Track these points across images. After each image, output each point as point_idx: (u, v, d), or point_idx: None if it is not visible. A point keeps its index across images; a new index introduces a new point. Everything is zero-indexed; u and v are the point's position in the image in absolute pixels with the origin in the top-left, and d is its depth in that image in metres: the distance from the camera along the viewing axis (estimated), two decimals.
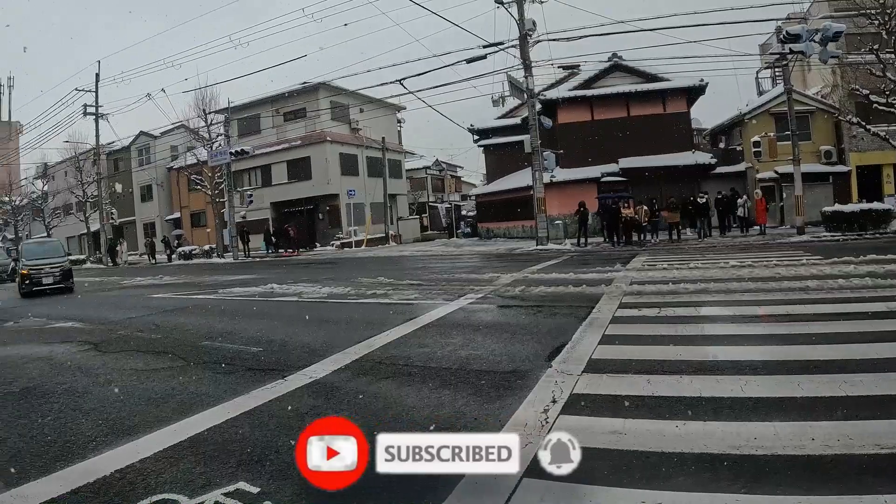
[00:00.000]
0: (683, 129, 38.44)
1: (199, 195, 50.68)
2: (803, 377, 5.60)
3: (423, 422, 5.04)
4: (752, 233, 30.45)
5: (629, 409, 5.08)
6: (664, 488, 3.64)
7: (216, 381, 6.79)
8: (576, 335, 8.07)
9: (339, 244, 43.44)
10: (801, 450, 4.06)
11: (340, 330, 9.81)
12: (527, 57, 29.86)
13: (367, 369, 6.96)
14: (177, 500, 3.80)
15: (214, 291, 16.98)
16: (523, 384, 5.96)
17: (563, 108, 38.32)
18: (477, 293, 13.11)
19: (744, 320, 8.74)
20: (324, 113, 46.50)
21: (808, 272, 12.94)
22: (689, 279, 13.08)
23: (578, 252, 25.93)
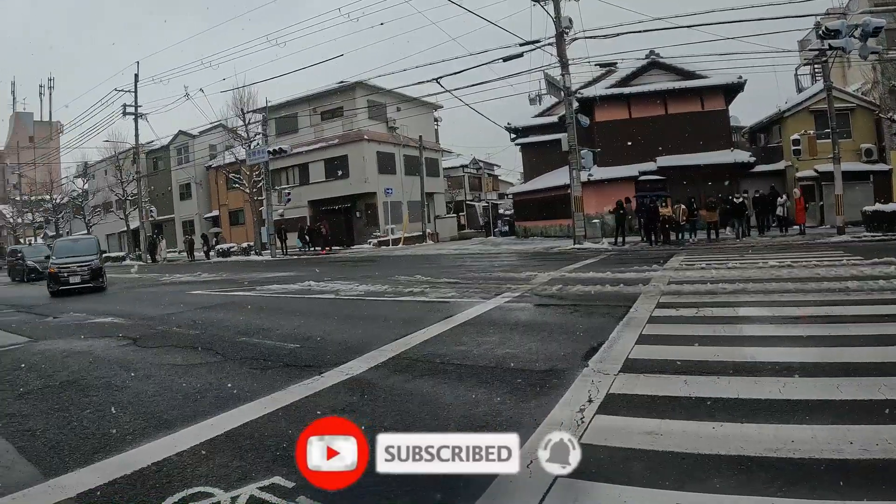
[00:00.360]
0: (722, 127, 38.07)
1: (237, 193, 51.03)
2: (843, 380, 5.51)
3: (459, 420, 5.04)
4: (791, 232, 30.10)
5: (666, 410, 5.05)
6: (699, 490, 3.61)
7: (253, 376, 6.83)
8: (613, 335, 8.04)
9: (376, 242, 43.49)
10: (838, 454, 3.99)
11: (377, 327, 9.85)
12: (563, 55, 29.72)
13: (403, 367, 6.98)
14: (212, 493, 3.83)
15: (252, 288, 17.11)
16: (559, 383, 5.94)
17: (601, 106, 38.12)
18: (514, 292, 13.08)
19: (782, 321, 8.62)
20: (361, 112, 46.58)
21: (848, 273, 12.75)
22: (728, 279, 12.97)
23: (616, 251, 25.78)
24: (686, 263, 17.25)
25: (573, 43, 30.21)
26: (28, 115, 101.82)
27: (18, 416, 6.00)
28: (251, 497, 3.76)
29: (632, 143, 36.94)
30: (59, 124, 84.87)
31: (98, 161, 59.77)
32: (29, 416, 5.97)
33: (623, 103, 38.32)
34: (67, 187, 68.19)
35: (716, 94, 37.78)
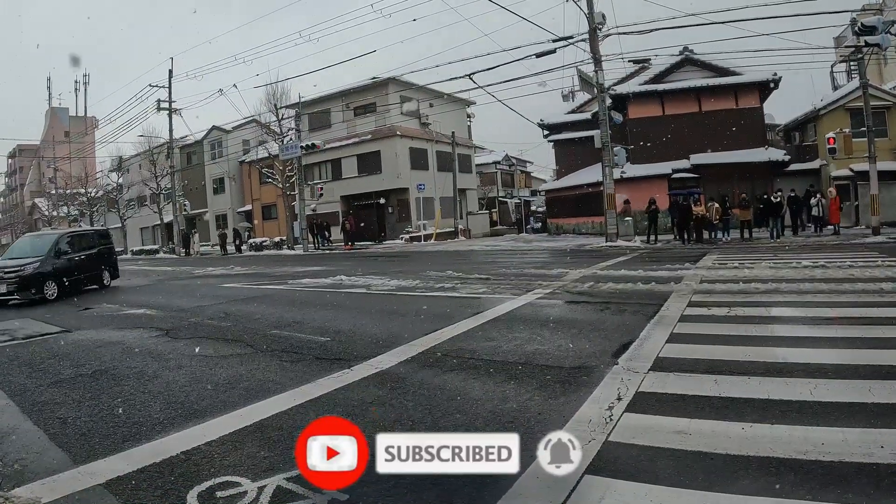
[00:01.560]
0: (756, 125, 37.75)
1: (270, 188, 51.32)
2: (875, 382, 5.46)
3: (487, 415, 5.05)
4: (825, 232, 29.80)
5: (695, 410, 5.03)
6: (727, 491, 3.59)
7: (283, 368, 6.88)
8: (643, 333, 8.02)
9: (408, 238, 43.56)
10: (869, 457, 3.95)
11: (407, 322, 9.86)
12: (596, 51, 29.60)
13: (432, 361, 7.00)
14: (239, 483, 3.87)
15: (284, 282, 17.20)
16: (589, 381, 5.93)
17: (634, 102, 37.99)
18: (545, 288, 13.05)
19: (815, 322, 8.52)
20: (393, 107, 46.68)
21: (882, 274, 12.61)
22: (760, 279, 12.87)
23: (648, 249, 25.69)
24: (719, 262, 17.15)
25: (606, 39, 30.12)
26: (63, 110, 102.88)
27: (51, 404, 6.09)
28: (278, 487, 3.80)
29: (665, 140, 36.76)
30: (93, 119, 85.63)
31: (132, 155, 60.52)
32: (61, 403, 6.06)
33: (656, 100, 38.15)
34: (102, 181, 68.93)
35: (750, 91, 37.50)
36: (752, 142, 36.40)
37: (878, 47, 25.37)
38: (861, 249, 20.06)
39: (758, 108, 38.00)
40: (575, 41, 29.74)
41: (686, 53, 38.36)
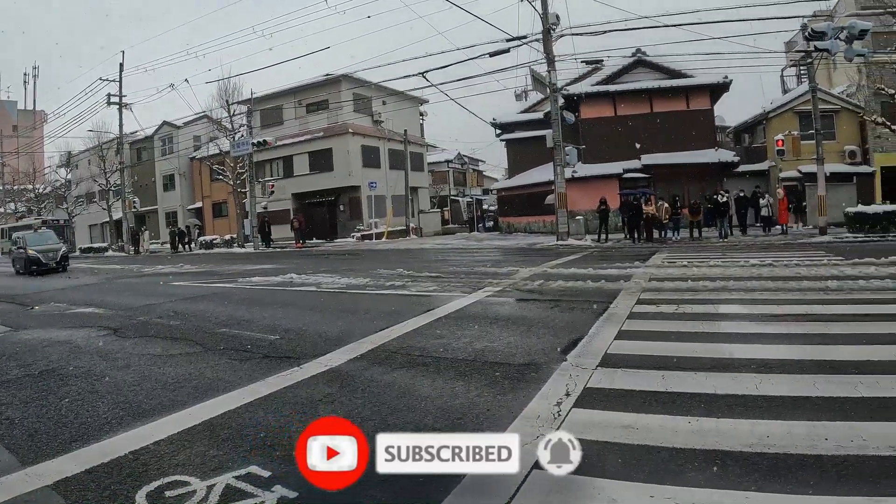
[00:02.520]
0: (707, 126, 38.34)
1: (221, 185, 50.84)
2: (820, 377, 5.59)
3: (436, 412, 5.08)
4: (773, 232, 30.32)
5: (643, 404, 5.10)
6: (674, 483, 3.66)
7: (232, 367, 6.85)
8: (592, 330, 8.10)
9: (360, 236, 43.46)
10: (813, 449, 4.06)
11: (357, 320, 9.87)
12: (550, 51, 29.80)
13: (382, 359, 7.01)
14: (188, 482, 3.85)
15: (234, 280, 17.08)
16: (538, 377, 5.98)
17: (586, 103, 38.34)
18: (495, 286, 13.12)
19: (762, 319, 8.68)
20: (346, 105, 46.55)
21: (828, 273, 12.87)
22: (709, 277, 13.04)
23: (598, 248, 25.90)
24: (668, 261, 17.37)
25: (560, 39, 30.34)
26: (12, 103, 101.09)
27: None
28: (227, 486, 3.79)
29: (617, 140, 37.20)
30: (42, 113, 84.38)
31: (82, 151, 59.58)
32: (7, 404, 5.96)
33: (608, 101, 38.58)
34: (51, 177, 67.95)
35: (701, 94, 38.08)
36: (702, 143, 36.98)
37: (827, 52, 25.83)
38: (808, 249, 20.46)
39: (708, 110, 38.63)
40: (529, 41, 29.93)
41: (639, 55, 38.90)
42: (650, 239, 29.00)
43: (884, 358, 6.13)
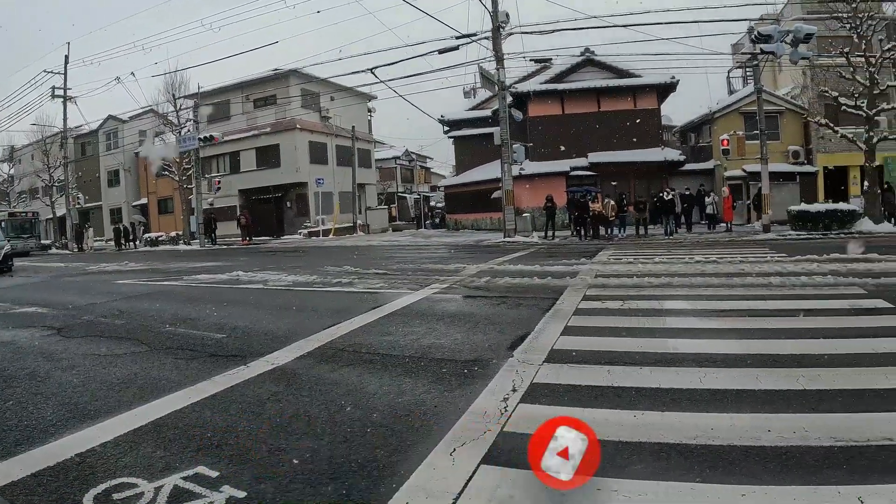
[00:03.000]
0: (653, 126, 38.88)
1: (166, 181, 50.14)
2: (762, 370, 5.72)
3: (384, 409, 5.08)
4: (718, 230, 30.83)
5: (589, 399, 5.16)
6: (620, 476, 3.70)
7: (178, 366, 6.77)
8: (538, 326, 8.17)
9: (307, 233, 43.25)
10: (757, 441, 4.13)
11: (304, 317, 9.83)
12: (499, 49, 29.89)
13: (329, 356, 6.99)
14: (136, 484, 3.80)
15: (180, 278, 16.90)
16: (484, 373, 6.02)
17: (534, 101, 38.57)
18: (442, 283, 13.18)
19: (706, 314, 8.84)
20: (294, 100, 46.25)
21: (771, 269, 13.12)
22: (654, 273, 13.23)
23: (545, 245, 26.06)
24: (614, 258, 17.59)
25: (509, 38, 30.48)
26: None
27: None
28: (175, 487, 3.75)
29: (564, 138, 37.52)
30: None
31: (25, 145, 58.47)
32: None
33: (557, 99, 38.86)
34: None
35: (649, 93, 38.60)
36: (649, 142, 37.53)
37: (773, 55, 26.36)
38: (752, 246, 20.89)
39: (655, 110, 39.21)
40: (478, 38, 30.05)
41: (587, 54, 39.28)
42: (596, 236, 29.33)
43: (824, 352, 6.29)
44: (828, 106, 32.61)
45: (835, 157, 36.37)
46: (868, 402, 4.84)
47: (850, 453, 3.92)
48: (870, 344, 6.57)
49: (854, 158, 33.34)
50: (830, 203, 28.88)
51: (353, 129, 48.76)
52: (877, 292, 9.90)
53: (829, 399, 4.93)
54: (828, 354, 6.19)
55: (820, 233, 25.70)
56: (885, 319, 8.01)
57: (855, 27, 27.85)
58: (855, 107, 28.16)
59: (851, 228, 26.02)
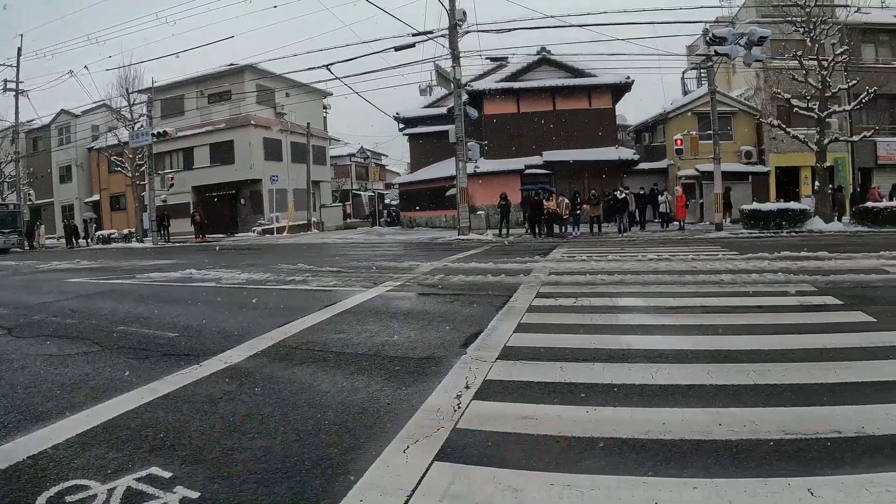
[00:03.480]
0: (608, 125, 39.22)
1: (119, 177, 49.38)
2: (713, 366, 5.85)
3: (337, 407, 5.10)
4: (671, 228, 31.18)
5: (542, 395, 5.23)
6: (574, 471, 3.76)
7: (131, 366, 6.70)
8: (492, 323, 8.24)
9: (261, 230, 42.96)
10: (708, 435, 4.23)
11: (258, 315, 9.79)
12: (455, 47, 29.96)
13: (282, 355, 7.00)
14: (88, 486, 3.78)
15: (132, 276, 16.70)
16: (438, 370, 6.07)
17: (490, 99, 38.67)
18: (396, 281, 13.21)
19: (658, 311, 9.00)
20: (249, 96, 45.93)
21: (723, 266, 13.37)
22: (607, 271, 13.38)
23: (499, 243, 26.13)
24: (567, 256, 17.72)
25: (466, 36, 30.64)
26: None
27: None
28: (128, 488, 3.73)
29: (519, 137, 37.70)
30: None
31: None
32: None
33: (512, 97, 38.99)
34: None
35: (604, 93, 38.93)
36: (603, 141, 37.86)
37: (727, 57, 26.82)
38: (704, 244, 21.14)
39: (610, 109, 39.59)
40: (434, 36, 30.11)
41: (543, 53, 39.50)
42: (551, 234, 29.51)
43: (774, 347, 6.46)
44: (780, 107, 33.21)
45: (786, 158, 37.06)
46: (817, 396, 4.98)
47: (800, 446, 4.03)
48: (819, 340, 6.74)
49: (805, 159, 34.00)
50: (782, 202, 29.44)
51: (309, 126, 48.51)
52: (826, 289, 10.13)
53: (779, 393, 5.06)
54: (778, 350, 6.35)
55: (771, 232, 26.19)
56: (834, 316, 8.22)
57: (808, 31, 28.41)
58: (807, 109, 28.70)
59: (802, 227, 26.54)
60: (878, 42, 38.58)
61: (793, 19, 29.00)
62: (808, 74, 28.66)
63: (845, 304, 8.92)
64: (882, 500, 3.29)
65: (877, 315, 8.01)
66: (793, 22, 29.04)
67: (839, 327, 7.42)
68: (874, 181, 37.21)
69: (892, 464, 3.73)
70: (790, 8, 28.88)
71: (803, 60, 28.59)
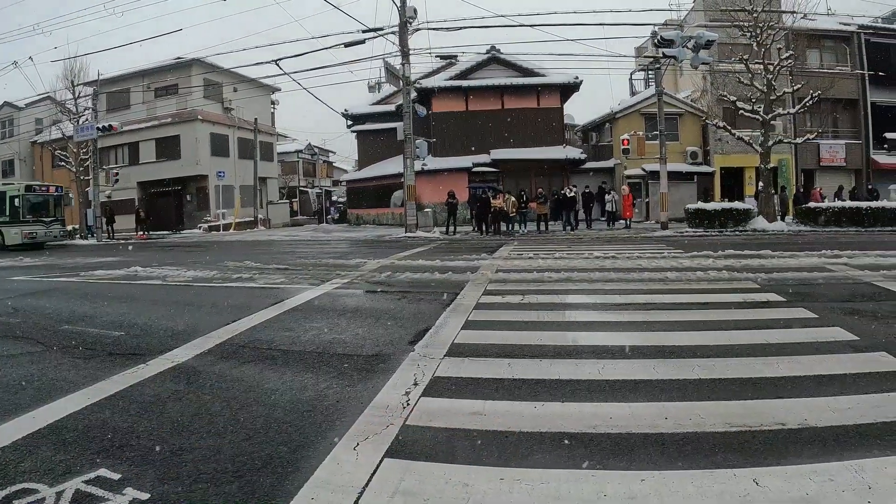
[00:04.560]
0: (556, 124, 39.49)
1: (63, 172, 48.33)
2: (659, 361, 5.99)
3: (286, 405, 5.12)
4: (617, 226, 31.52)
5: (490, 391, 5.30)
6: (522, 466, 3.83)
7: (77, 366, 6.64)
8: (439, 320, 8.31)
9: (207, 227, 42.55)
10: (655, 428, 4.34)
11: (204, 313, 9.74)
12: (405, 45, 29.93)
13: (230, 353, 6.99)
14: (36, 490, 3.73)
15: (76, 274, 16.42)
16: (386, 367, 6.12)
17: (439, 97, 38.74)
18: (343, 278, 13.21)
19: (605, 308, 9.14)
20: (196, 90, 45.46)
21: (668, 264, 13.60)
22: (554, 268, 13.51)
23: (447, 240, 26.17)
24: (515, 253, 17.82)
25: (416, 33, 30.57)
26: None
27: None
28: (77, 491, 3.69)
29: (467, 135, 37.82)
30: None
31: None
32: None
33: (461, 95, 39.09)
34: None
35: (552, 92, 39.19)
36: (551, 140, 38.14)
37: (674, 59, 27.14)
38: (650, 242, 21.41)
39: (558, 109, 39.87)
40: (385, 33, 30.06)
41: (493, 52, 39.65)
42: (498, 232, 29.60)
43: (718, 342, 6.64)
44: (726, 109, 33.71)
45: (731, 159, 37.82)
46: (761, 389, 5.13)
47: (745, 438, 4.17)
48: (762, 335, 6.94)
49: (749, 160, 34.69)
50: (726, 202, 29.95)
51: (256, 122, 48.19)
52: (769, 286, 10.43)
53: (724, 387, 5.21)
54: (723, 345, 6.53)
55: (716, 230, 26.61)
56: (776, 312, 8.46)
57: (755, 36, 28.86)
58: (752, 111, 29.18)
59: (746, 226, 27.00)
60: (822, 48, 39.63)
61: (740, 24, 29.47)
62: (753, 78, 29.16)
63: (788, 301, 9.18)
64: (825, 489, 3.42)
65: (818, 312, 8.27)
66: (740, 26, 29.51)
67: (782, 323, 7.62)
68: (816, 182, 38.21)
69: (835, 454, 3.87)
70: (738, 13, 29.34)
71: (750, 64, 29.09)
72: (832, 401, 4.79)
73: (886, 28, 41.39)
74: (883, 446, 3.97)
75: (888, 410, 4.58)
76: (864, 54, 39.34)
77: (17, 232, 30.34)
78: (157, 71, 46.87)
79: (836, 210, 27.51)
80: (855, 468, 3.65)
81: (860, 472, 3.60)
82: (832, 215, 27.22)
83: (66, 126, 44.49)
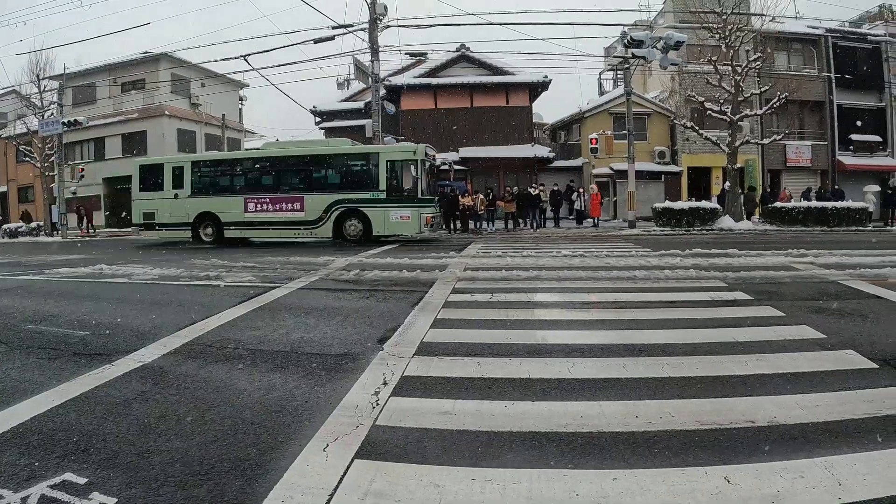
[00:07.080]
0: (525, 123, 39.67)
1: (27, 168, 47.92)
2: (629, 359, 6.02)
3: (254, 405, 5.08)
4: (585, 225, 31.71)
5: (460, 391, 5.29)
6: (493, 465, 3.82)
7: (40, 367, 6.53)
8: (408, 319, 8.28)
9: None
10: (625, 427, 4.35)
11: (171, 312, 9.61)
12: (375, 41, 29.91)
13: (197, 353, 6.91)
14: (0, 495, 3.66)
15: (40, 272, 16.20)
16: (355, 367, 6.08)
17: (408, 94, 38.77)
18: (311, 276, 13.16)
19: (573, 306, 9.17)
20: (164, 85, 45.10)
21: (636, 263, 13.72)
22: (522, 266, 13.56)
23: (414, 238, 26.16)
24: (483, 251, 17.85)
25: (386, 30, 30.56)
26: None
27: None
28: (42, 496, 3.62)
29: (436, 132, 37.82)
30: None
31: None
32: None
33: (430, 93, 39.18)
34: None
35: (521, 91, 39.36)
36: (520, 138, 38.31)
37: (644, 60, 27.36)
38: (618, 241, 21.59)
39: (527, 107, 40.08)
40: (354, 30, 30.05)
41: (462, 51, 39.78)
42: (466, 230, 29.69)
43: (687, 340, 6.69)
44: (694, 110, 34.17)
45: (699, 158, 38.24)
46: (730, 387, 5.18)
47: (715, 436, 4.19)
48: (730, 333, 7.01)
49: (717, 160, 35.16)
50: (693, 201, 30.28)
51: (224, 117, 47.83)
52: (736, 285, 10.54)
53: (693, 385, 5.24)
54: (691, 343, 6.57)
55: (683, 229, 26.89)
56: (743, 310, 8.56)
57: (724, 37, 29.26)
58: (720, 112, 29.57)
59: (713, 226, 27.31)
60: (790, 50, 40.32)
61: (709, 26, 29.82)
62: (722, 79, 29.54)
63: (755, 300, 9.28)
64: (796, 486, 3.45)
65: (785, 310, 8.38)
66: (709, 28, 29.86)
67: (750, 322, 7.71)
68: (783, 183, 38.71)
69: (805, 451, 3.91)
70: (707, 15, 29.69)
71: (718, 65, 29.46)
72: (801, 398, 4.84)
73: (853, 32, 42.13)
74: (851, 443, 4.02)
75: (855, 407, 4.63)
76: (831, 57, 40.05)
77: None
78: (124, 65, 46.42)
79: (803, 210, 27.93)
80: (824, 465, 3.68)
81: (829, 468, 3.64)
82: (798, 215, 27.57)
83: (30, 121, 43.97)
